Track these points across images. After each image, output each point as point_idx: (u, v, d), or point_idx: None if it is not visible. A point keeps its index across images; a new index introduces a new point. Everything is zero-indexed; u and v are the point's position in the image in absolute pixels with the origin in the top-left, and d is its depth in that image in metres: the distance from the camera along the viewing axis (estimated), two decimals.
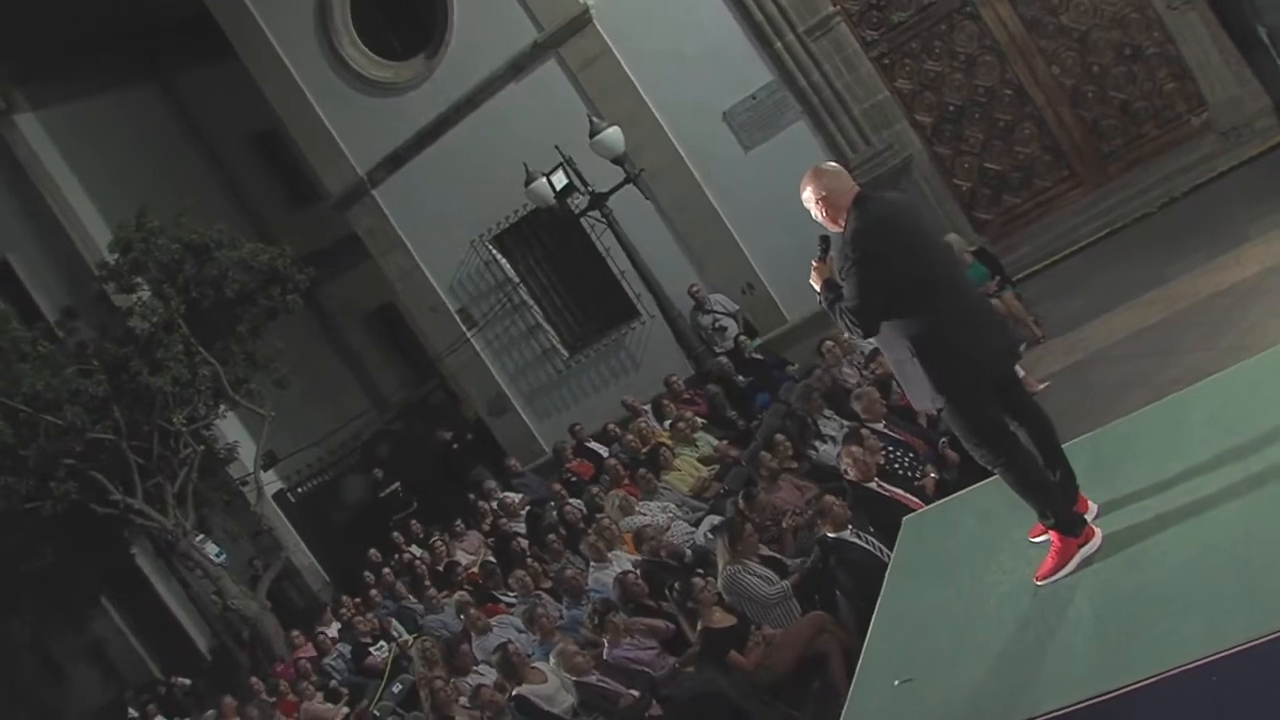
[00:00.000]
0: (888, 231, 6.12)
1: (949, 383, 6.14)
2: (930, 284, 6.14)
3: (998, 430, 6.24)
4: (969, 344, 6.14)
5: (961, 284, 6.45)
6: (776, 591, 8.85)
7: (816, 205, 6.27)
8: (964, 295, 6.36)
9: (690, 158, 17.69)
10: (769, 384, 15.40)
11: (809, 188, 6.30)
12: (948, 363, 6.11)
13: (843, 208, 6.19)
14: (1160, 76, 15.62)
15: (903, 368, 6.36)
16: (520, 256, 19.53)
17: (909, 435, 10.29)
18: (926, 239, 6.38)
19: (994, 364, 6.28)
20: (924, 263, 6.18)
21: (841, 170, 6.43)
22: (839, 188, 6.25)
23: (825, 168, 6.42)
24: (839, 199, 6.21)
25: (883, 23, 16.47)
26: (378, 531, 19.37)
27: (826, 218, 6.27)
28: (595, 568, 11.26)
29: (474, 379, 20.33)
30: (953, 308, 6.17)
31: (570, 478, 15.94)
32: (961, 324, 6.15)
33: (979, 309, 6.44)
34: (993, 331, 6.40)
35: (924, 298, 6.11)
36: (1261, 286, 11.15)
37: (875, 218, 6.14)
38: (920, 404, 6.59)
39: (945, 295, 6.18)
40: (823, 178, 6.30)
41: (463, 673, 10.71)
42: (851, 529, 8.48)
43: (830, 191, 6.23)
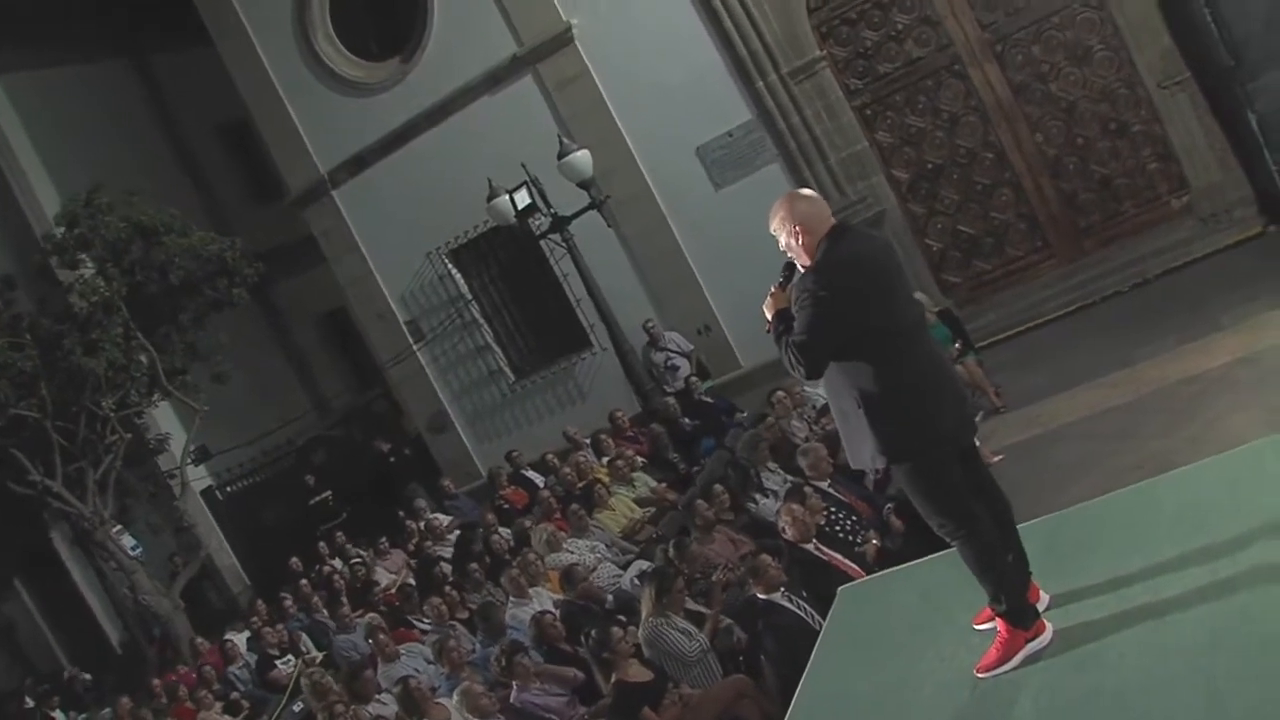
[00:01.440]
0: (857, 269, 5.65)
1: (906, 445, 5.66)
2: (892, 334, 5.67)
3: (960, 499, 5.76)
4: (928, 406, 5.68)
5: (926, 341, 5.95)
6: (697, 649, 8.36)
7: (789, 233, 5.75)
8: (928, 354, 5.87)
9: (659, 190, 17.31)
10: (716, 429, 14.95)
11: (782, 212, 5.78)
12: (902, 423, 5.64)
13: (817, 238, 5.72)
14: (1144, 155, 15.39)
15: (846, 420, 5.86)
16: (475, 273, 19.10)
17: (853, 497, 9.82)
18: (897, 286, 5.87)
19: (955, 430, 5.81)
20: (889, 310, 5.70)
21: (820, 199, 5.97)
22: (816, 215, 5.77)
23: (803, 193, 5.96)
24: (815, 227, 5.73)
25: (869, 72, 16.14)
26: (304, 539, 18.87)
27: (800, 247, 5.76)
28: (514, 603, 10.71)
29: (416, 393, 19.85)
30: (914, 364, 5.71)
31: (502, 505, 15.44)
32: (921, 383, 5.69)
33: (941, 370, 5.93)
34: (954, 397, 5.90)
35: (883, 348, 5.64)
36: (1230, 378, 10.83)
37: (847, 252, 5.67)
38: (858, 461, 6.04)
39: (907, 350, 5.72)
40: (799, 203, 5.82)
41: (364, 700, 10.14)
42: (784, 592, 7.99)
43: (806, 219, 5.74)
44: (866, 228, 6.09)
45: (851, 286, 5.57)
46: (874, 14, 15.88)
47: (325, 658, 13.19)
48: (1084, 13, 15.13)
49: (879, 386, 5.62)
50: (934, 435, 5.67)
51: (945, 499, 5.72)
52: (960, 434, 5.86)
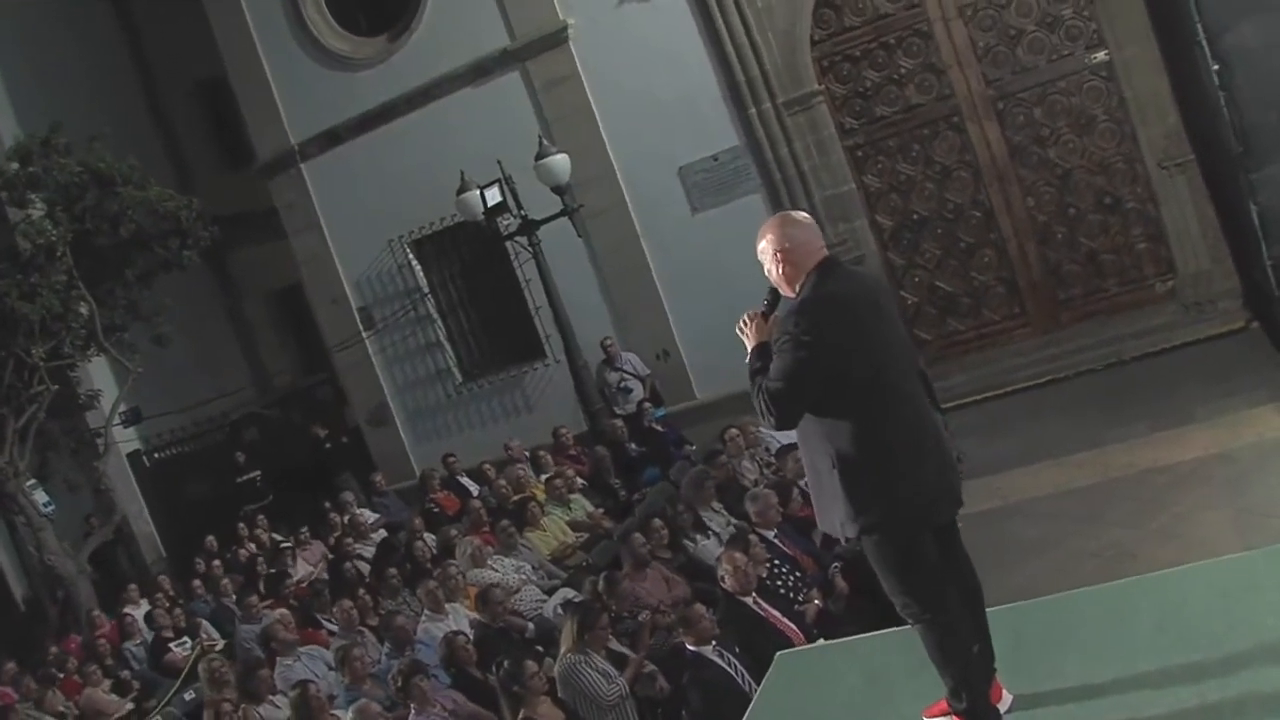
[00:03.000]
0: (844, 311, 5.11)
1: (878, 513, 5.09)
2: (878, 388, 5.12)
3: (931, 579, 5.20)
4: (911, 473, 5.12)
5: (916, 398, 5.35)
6: (615, 693, 7.78)
7: (774, 259, 5.24)
8: (915, 412, 5.30)
9: (635, 206, 16.81)
10: (662, 459, 14.42)
11: (771, 235, 5.26)
12: (880, 488, 5.07)
13: (804, 269, 5.20)
14: (1134, 234, 15.05)
15: (819, 478, 5.29)
16: (436, 267, 18.54)
17: (799, 551, 9.26)
18: (887, 333, 5.31)
19: (936, 504, 5.25)
20: (875, 361, 5.14)
21: (813, 225, 5.41)
22: (806, 243, 5.26)
23: (796, 216, 5.41)
24: (802, 257, 5.22)
25: (865, 113, 15.71)
26: (225, 517, 18.30)
27: (782, 276, 5.24)
28: (429, 617, 10.06)
29: (360, 383, 19.26)
30: (898, 423, 5.15)
31: (432, 509, 14.88)
32: (903, 445, 5.13)
33: (928, 433, 5.31)
34: (938, 465, 5.30)
35: (866, 402, 5.08)
36: (1201, 473, 10.46)
37: (834, 291, 5.15)
38: (827, 525, 5.43)
39: (893, 406, 5.16)
40: (789, 228, 5.29)
41: (256, 700, 9.50)
42: (715, 645, 7.42)
43: (795, 246, 5.22)
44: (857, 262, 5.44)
45: (835, 332, 5.04)
46: (878, 54, 15.45)
47: (225, 646, 12.50)
48: (1092, 81, 14.77)
49: (856, 446, 5.07)
50: (910, 506, 5.12)
51: (914, 578, 5.17)
52: (941, 508, 5.30)
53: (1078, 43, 14.74)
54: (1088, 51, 14.71)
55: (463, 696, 8.24)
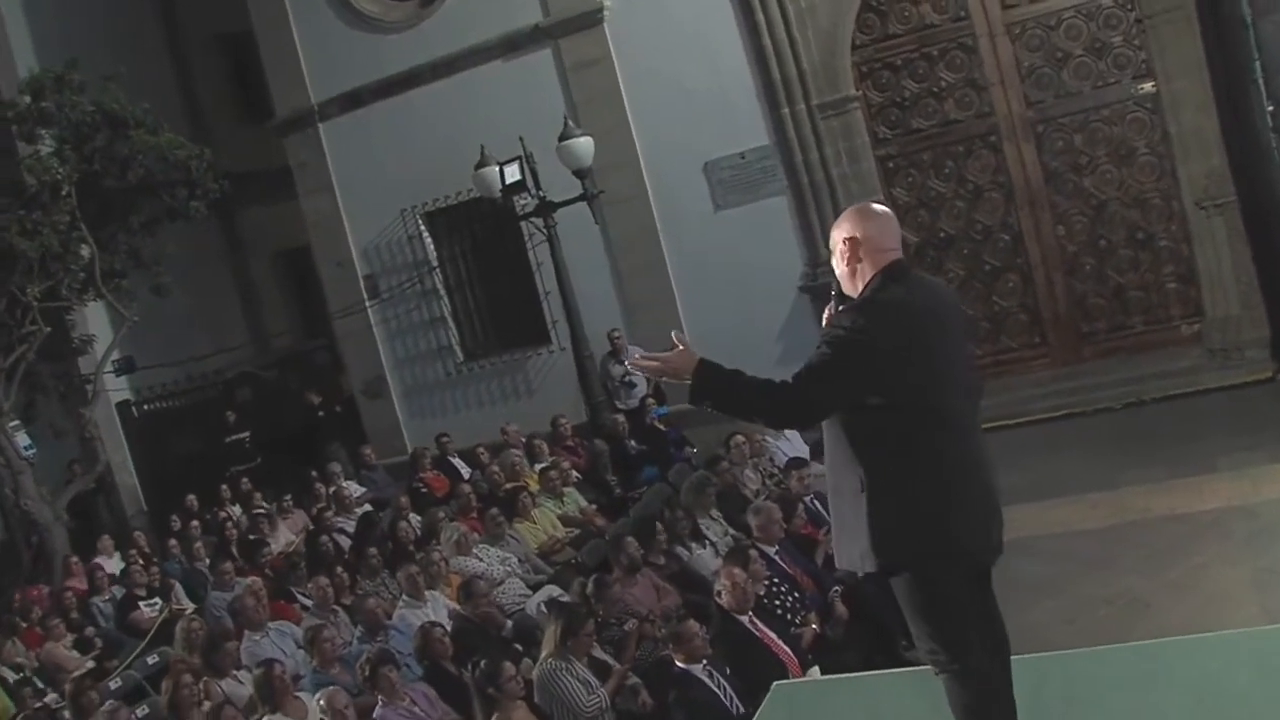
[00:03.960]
0: (908, 320, 4.67)
1: (909, 550, 4.65)
2: (930, 411, 4.66)
3: (965, 629, 4.77)
4: (955, 512, 4.67)
5: (973, 433, 4.90)
6: (594, 704, 7.36)
7: (842, 250, 4.85)
8: (970, 447, 4.84)
9: (656, 198, 16.43)
10: (661, 459, 14.02)
11: (845, 224, 4.86)
12: (914, 522, 4.63)
13: (871, 267, 4.79)
14: (1165, 272, 14.65)
15: (841, 502, 4.84)
16: (447, 241, 18.15)
17: (799, 571, 8.84)
18: (953, 354, 4.85)
19: (976, 552, 4.81)
20: (934, 381, 4.69)
21: (893, 220, 4.99)
22: (879, 239, 4.83)
23: (875, 208, 5.00)
24: (872, 253, 4.79)
25: (901, 124, 15.31)
26: (210, 477, 17.91)
27: (846, 270, 4.84)
28: (406, 603, 9.62)
29: (359, 352, 18.87)
30: (946, 453, 4.70)
31: (420, 488, 14.47)
32: (954, 481, 4.69)
33: (978, 469, 4.85)
34: (985, 507, 4.85)
35: (913, 425, 4.63)
36: (1221, 526, 10.01)
37: (900, 297, 4.70)
38: (844, 558, 4.95)
39: (944, 435, 4.70)
40: (865, 220, 4.88)
41: (219, 674, 9.10)
42: (705, 665, 7.00)
43: (866, 239, 4.80)
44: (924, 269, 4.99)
45: (891, 337, 4.59)
46: (920, 65, 15.06)
47: (195, 611, 12.08)
48: (1136, 113, 14.38)
49: (891, 470, 4.63)
50: (946, 544, 4.68)
51: (947, 623, 4.74)
52: (982, 557, 4.86)
53: (1125, 71, 14.34)
54: (1135, 81, 14.32)
55: (434, 692, 7.81)
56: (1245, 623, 8.13)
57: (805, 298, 15.69)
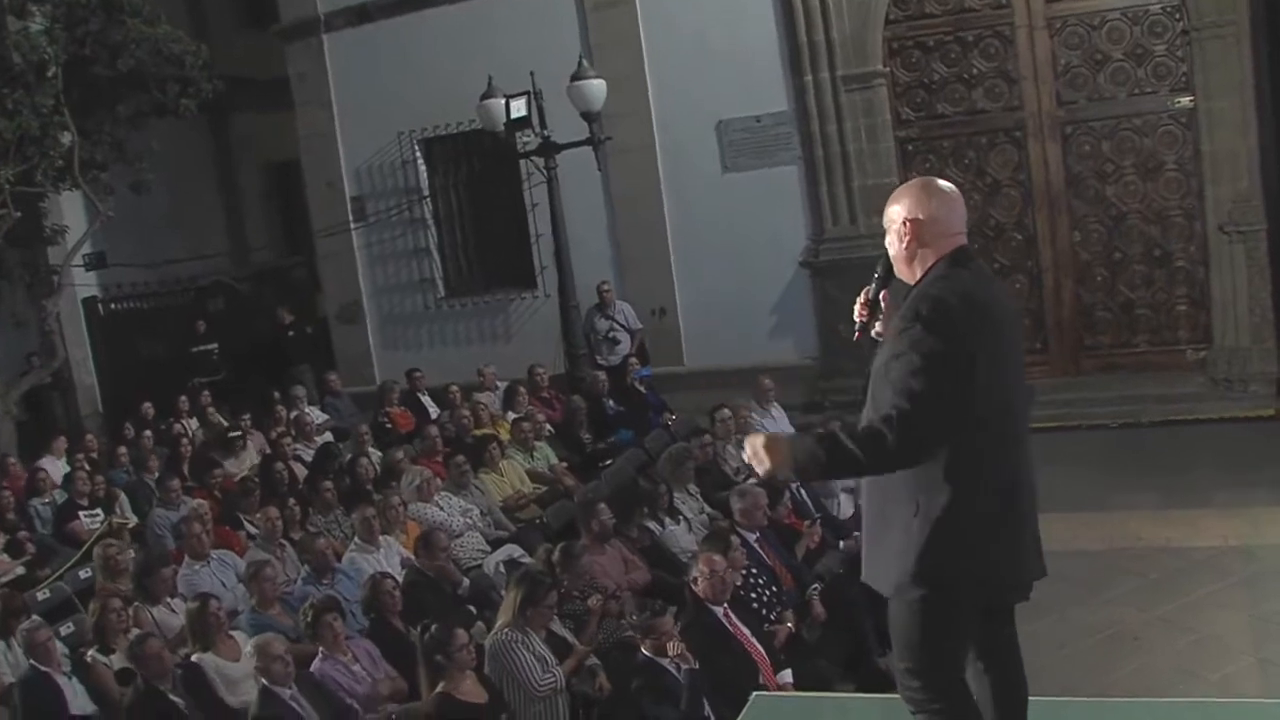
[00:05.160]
0: (984, 320, 4.12)
1: (950, 575, 4.11)
2: (998, 428, 4.13)
3: (955, 666, 4.28)
4: (1007, 539, 4.17)
5: (1028, 449, 4.36)
6: (549, 684, 6.84)
7: (900, 230, 4.28)
8: (1027, 467, 4.32)
9: (663, 151, 15.92)
10: (639, 423, 13.55)
11: (907, 201, 4.30)
12: (964, 549, 4.10)
13: (933, 252, 4.24)
14: (1177, 293, 14.26)
15: (886, 525, 4.25)
16: (442, 171, 17.58)
17: (779, 562, 8.33)
18: (1018, 362, 4.34)
19: (1005, 582, 4.30)
20: (1005, 395, 4.16)
21: (960, 200, 4.40)
22: (945, 220, 4.28)
23: (941, 185, 4.39)
24: (935, 237, 4.25)
25: (926, 107, 14.81)
26: (172, 386, 17.20)
27: (903, 253, 4.29)
28: (357, 547, 9.07)
29: (338, 274, 18.32)
30: (1009, 478, 4.19)
31: (385, 422, 13.95)
32: (1011, 506, 4.19)
33: (1029, 493, 4.33)
34: (1035, 539, 4.34)
35: (982, 443, 4.08)
36: (1217, 565, 9.61)
37: (973, 292, 4.15)
38: (876, 577, 4.34)
39: (1008, 454, 4.20)
40: (930, 197, 4.30)
41: (152, 600, 8.55)
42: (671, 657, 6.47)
43: (930, 220, 4.24)
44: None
45: (971, 341, 4.04)
46: (953, 48, 14.54)
47: (137, 528, 11.49)
48: (1170, 126, 13.94)
49: (958, 496, 4.06)
50: (979, 574, 4.16)
51: (937, 656, 4.24)
52: (1012, 589, 4.36)
53: (1164, 82, 13.89)
54: (1173, 94, 13.88)
55: (377, 650, 7.28)
56: (1239, 673, 7.88)
57: (805, 273, 15.29)
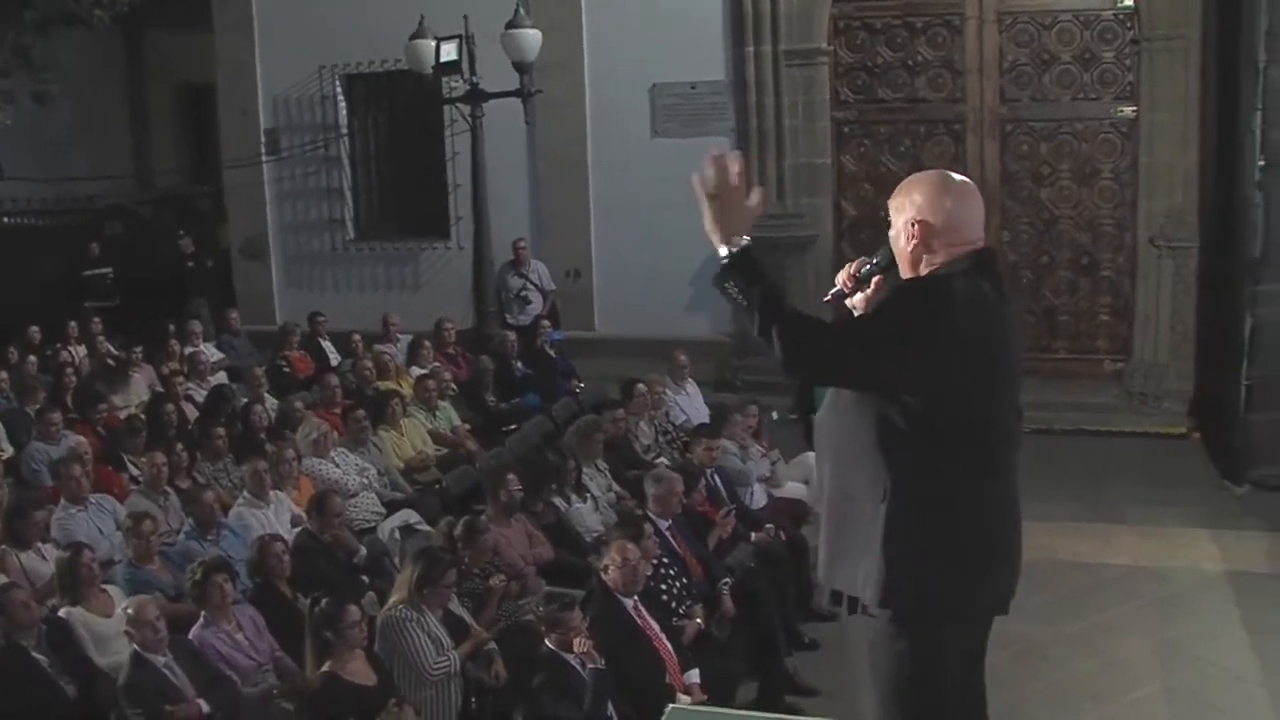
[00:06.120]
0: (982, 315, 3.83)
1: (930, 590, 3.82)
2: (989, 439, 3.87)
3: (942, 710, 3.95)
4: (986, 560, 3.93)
5: (1015, 468, 4.07)
6: (443, 668, 6.43)
7: (911, 230, 3.91)
8: (1012, 484, 4.05)
9: (593, 110, 15.50)
10: (546, 388, 13.17)
11: (919, 198, 3.92)
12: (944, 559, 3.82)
13: (943, 257, 3.88)
14: (1101, 302, 14.17)
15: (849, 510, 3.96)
16: (362, 110, 17.03)
17: (689, 553, 7.96)
18: (1015, 366, 4.03)
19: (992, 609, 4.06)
20: (996, 398, 3.88)
21: (979, 199, 4.03)
22: (964, 225, 3.91)
23: (957, 182, 4.01)
24: (951, 242, 3.88)
25: (866, 90, 14.55)
26: (61, 309, 16.50)
27: (910, 258, 3.92)
28: (246, 501, 8.55)
29: (245, 207, 17.68)
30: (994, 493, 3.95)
31: (283, 366, 13.42)
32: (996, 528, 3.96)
33: (1017, 514, 4.10)
34: (1016, 560, 4.09)
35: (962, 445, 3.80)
36: (1127, 585, 9.48)
37: (979, 292, 3.83)
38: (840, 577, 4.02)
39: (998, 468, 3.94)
40: (948, 197, 3.92)
41: (22, 545, 7.95)
42: (577, 654, 6.08)
43: (947, 226, 3.87)
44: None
45: (962, 331, 3.74)
46: (900, 33, 14.28)
47: (12, 459, 10.81)
48: (1110, 134, 13.83)
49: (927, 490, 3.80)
50: (972, 603, 3.92)
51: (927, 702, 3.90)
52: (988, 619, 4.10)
53: (1109, 89, 13.76)
54: (1116, 102, 13.74)
55: (261, 619, 6.80)
56: (1146, 698, 7.74)
57: None
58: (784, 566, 8.57)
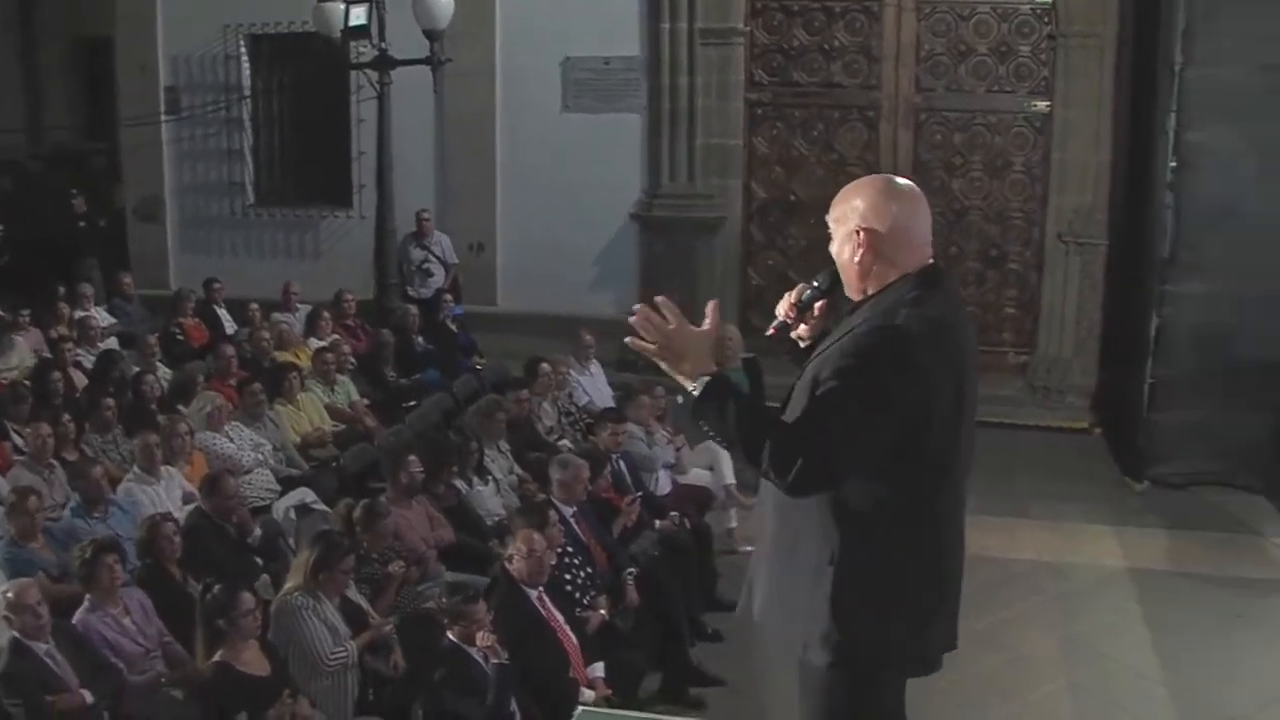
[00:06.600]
0: (951, 357, 3.58)
1: (874, 645, 3.65)
2: (940, 479, 3.64)
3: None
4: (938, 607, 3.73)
5: (964, 501, 3.88)
6: (339, 658, 6.20)
7: (856, 240, 3.67)
8: (961, 519, 3.84)
9: (504, 82, 15.20)
10: (447, 363, 12.98)
11: (863, 204, 3.68)
12: (891, 615, 3.63)
13: (895, 270, 3.65)
14: (1007, 295, 14.26)
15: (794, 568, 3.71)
16: (266, 72, 16.55)
17: (594, 540, 7.78)
18: (972, 398, 3.77)
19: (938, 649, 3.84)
20: (954, 439, 3.63)
21: (926, 205, 3.80)
22: (911, 233, 3.69)
23: (903, 187, 3.76)
24: (899, 252, 3.65)
25: (781, 73, 14.44)
26: None
27: (857, 268, 3.68)
28: (136, 476, 8.23)
29: (141, 167, 17.08)
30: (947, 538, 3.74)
31: (176, 333, 12.99)
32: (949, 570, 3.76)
33: (962, 552, 3.87)
34: (956, 600, 3.87)
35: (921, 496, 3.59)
36: (1032, 580, 9.50)
37: (937, 320, 3.58)
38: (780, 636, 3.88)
39: (948, 510, 3.72)
40: (896, 203, 3.67)
41: None
42: (480, 648, 5.88)
43: (895, 234, 3.64)
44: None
45: (920, 386, 3.48)
46: (818, 17, 14.20)
47: None
48: (1023, 128, 13.92)
49: (883, 547, 3.58)
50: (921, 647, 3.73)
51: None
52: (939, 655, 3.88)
53: (1024, 83, 13.84)
54: (1031, 96, 13.82)
55: (150, 602, 6.50)
56: (1051, 695, 7.77)
57: (634, 226, 14.87)
58: (688, 555, 8.45)
